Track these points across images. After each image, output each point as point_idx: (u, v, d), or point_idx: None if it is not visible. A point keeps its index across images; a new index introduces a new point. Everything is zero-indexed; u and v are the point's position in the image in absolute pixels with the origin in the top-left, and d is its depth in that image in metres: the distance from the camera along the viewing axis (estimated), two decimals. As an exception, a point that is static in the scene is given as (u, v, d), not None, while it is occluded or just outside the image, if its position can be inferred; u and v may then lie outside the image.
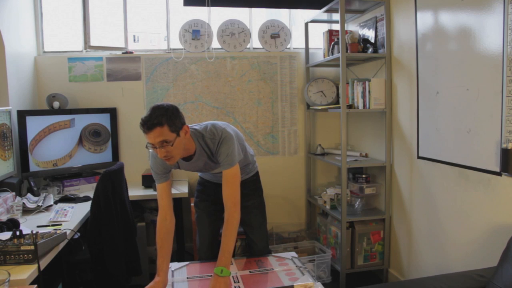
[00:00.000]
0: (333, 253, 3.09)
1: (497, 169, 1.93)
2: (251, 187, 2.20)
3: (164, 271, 1.75)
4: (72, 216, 2.28)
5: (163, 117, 1.62)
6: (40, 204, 2.42)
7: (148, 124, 1.61)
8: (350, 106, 2.94)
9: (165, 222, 1.86)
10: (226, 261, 1.71)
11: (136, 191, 3.00)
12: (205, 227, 2.19)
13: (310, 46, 3.56)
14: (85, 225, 2.26)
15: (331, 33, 3.33)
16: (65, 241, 1.83)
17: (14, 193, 2.40)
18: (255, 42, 3.62)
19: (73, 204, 2.52)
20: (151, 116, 1.62)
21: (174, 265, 1.95)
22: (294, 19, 3.70)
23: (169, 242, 1.84)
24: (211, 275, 1.81)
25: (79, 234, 2.12)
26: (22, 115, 2.82)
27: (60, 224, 2.12)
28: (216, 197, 2.20)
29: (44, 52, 3.36)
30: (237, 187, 1.82)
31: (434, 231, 2.47)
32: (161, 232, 1.84)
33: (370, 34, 3.08)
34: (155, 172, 1.86)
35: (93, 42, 3.18)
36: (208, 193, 2.21)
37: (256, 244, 2.18)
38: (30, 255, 1.54)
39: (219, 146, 1.80)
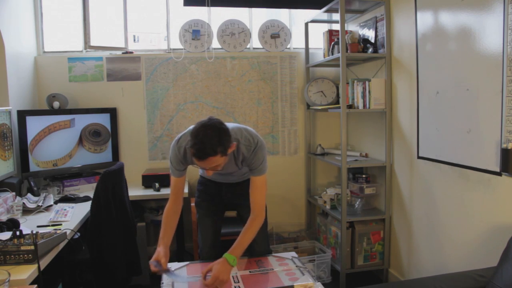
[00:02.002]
0: (333, 253, 3.09)
1: (497, 169, 1.93)
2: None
3: (165, 243, 1.86)
4: (72, 216, 2.28)
5: (217, 147, 1.59)
6: (40, 204, 2.42)
7: (201, 154, 1.58)
8: (350, 106, 2.94)
9: (174, 205, 1.97)
10: (239, 253, 1.78)
11: (136, 191, 3.00)
12: (207, 228, 2.18)
13: (310, 46, 3.56)
14: (85, 225, 2.26)
15: (331, 33, 3.33)
16: (65, 241, 1.83)
17: (14, 193, 2.40)
18: (255, 42, 3.62)
19: (73, 204, 2.52)
20: (204, 144, 1.58)
21: (174, 265, 1.95)
22: (294, 19, 3.70)
23: (175, 221, 1.96)
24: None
25: (79, 234, 2.12)
26: (22, 115, 2.82)
27: (60, 224, 2.12)
28: (218, 197, 2.20)
29: (44, 52, 3.36)
30: (265, 194, 1.90)
31: (434, 231, 2.47)
32: (169, 211, 1.95)
33: (370, 34, 3.08)
34: (174, 168, 1.91)
35: (93, 42, 3.18)
36: (210, 192, 2.21)
37: (257, 244, 2.17)
38: (30, 255, 1.54)
39: (254, 153, 1.83)
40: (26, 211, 2.35)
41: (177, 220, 1.99)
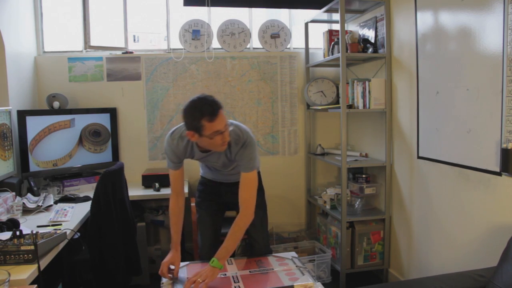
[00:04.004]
0: (333, 253, 3.09)
1: (497, 169, 1.93)
2: None
3: (177, 247, 1.96)
4: (72, 216, 2.28)
5: (219, 102, 1.71)
6: (40, 204, 2.42)
7: (216, 107, 1.67)
8: (350, 106, 2.94)
9: (177, 201, 2.01)
10: (221, 255, 1.79)
11: (136, 191, 3.00)
12: (207, 228, 2.19)
13: (310, 46, 3.56)
14: (85, 225, 2.26)
15: (331, 33, 3.33)
16: (65, 241, 1.83)
17: (14, 193, 2.40)
18: (255, 42, 3.62)
19: (73, 204, 2.52)
20: (209, 101, 1.68)
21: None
22: (294, 19, 3.70)
23: (180, 218, 2.04)
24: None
25: (79, 234, 2.12)
26: (22, 115, 2.82)
27: (60, 224, 2.12)
28: (219, 197, 2.21)
29: (44, 52, 3.36)
30: (254, 191, 1.89)
31: (434, 231, 2.47)
32: (174, 209, 2.01)
33: (370, 34, 3.08)
34: (170, 160, 1.94)
35: (93, 42, 3.18)
36: (211, 192, 2.21)
37: (257, 243, 2.18)
38: (30, 255, 1.54)
39: (242, 148, 1.85)
40: (26, 211, 2.35)
41: (182, 216, 2.04)
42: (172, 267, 1.87)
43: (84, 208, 2.45)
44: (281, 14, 3.69)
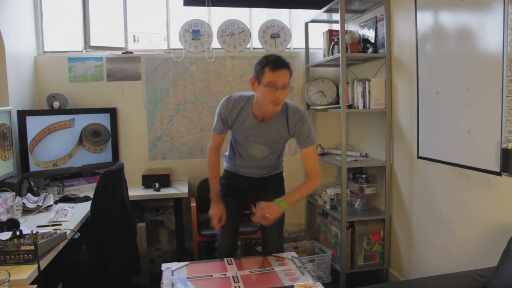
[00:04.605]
0: (333, 253, 3.09)
1: (497, 169, 1.93)
2: (278, 184, 2.25)
3: (220, 198, 2.09)
4: (72, 216, 2.28)
5: (289, 64, 1.83)
6: (40, 204, 2.42)
7: (280, 63, 1.78)
8: (350, 106, 2.94)
9: (215, 156, 2.15)
10: (289, 199, 1.93)
11: (136, 191, 3.00)
12: (227, 224, 2.15)
13: (310, 46, 3.56)
14: (85, 225, 2.26)
15: (331, 33, 3.33)
16: (65, 241, 1.83)
17: (14, 193, 2.40)
18: (255, 42, 3.62)
19: (73, 204, 2.52)
20: (281, 58, 1.80)
21: (174, 265, 1.95)
22: (294, 19, 3.70)
23: (218, 171, 2.16)
24: (211, 275, 1.82)
25: (79, 234, 2.12)
26: (22, 115, 2.82)
27: (60, 224, 2.12)
28: (242, 193, 2.21)
29: (44, 52, 3.36)
30: (318, 161, 2.03)
31: (434, 231, 2.47)
32: (214, 162, 2.14)
33: (370, 34, 3.08)
34: (218, 123, 2.03)
35: (93, 42, 3.18)
36: (234, 186, 2.20)
37: (271, 240, 2.17)
38: (30, 255, 1.54)
39: (301, 121, 1.94)
40: (26, 211, 2.35)
41: (219, 170, 2.17)
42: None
43: (84, 208, 2.45)
44: (281, 14, 3.69)
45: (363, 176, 3.13)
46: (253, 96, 1.95)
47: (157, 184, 3.04)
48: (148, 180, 3.10)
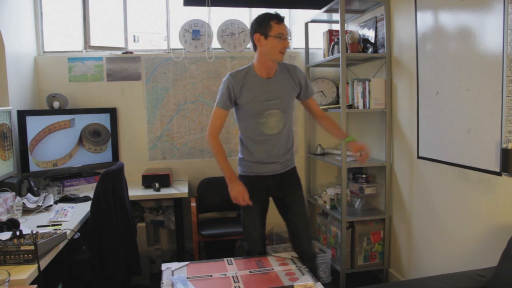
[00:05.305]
0: (333, 253, 3.09)
1: (497, 169, 1.93)
2: (296, 178, 2.25)
3: (236, 178, 2.10)
4: (72, 216, 2.28)
5: None
6: (40, 204, 2.42)
7: (281, 16, 2.05)
8: (350, 106, 2.94)
9: (217, 139, 2.14)
10: (342, 131, 2.30)
11: (136, 191, 3.00)
12: (256, 223, 2.17)
13: (310, 46, 3.56)
14: (85, 225, 2.26)
15: (331, 33, 3.33)
16: (65, 241, 1.83)
17: (14, 193, 2.40)
18: (255, 42, 3.61)
19: (73, 204, 2.52)
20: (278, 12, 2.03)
21: (174, 265, 1.95)
22: (294, 19, 3.70)
23: (225, 152, 2.16)
24: (211, 275, 1.82)
25: (79, 234, 2.12)
26: (22, 115, 2.82)
27: (60, 224, 2.12)
28: (266, 194, 2.19)
29: (44, 52, 3.36)
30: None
31: (434, 231, 2.47)
32: (220, 146, 2.14)
33: (370, 34, 3.08)
34: (222, 98, 2.09)
35: (93, 42, 3.18)
36: (258, 190, 2.14)
37: (301, 236, 2.18)
38: (30, 255, 1.54)
39: (299, 73, 2.16)
40: (26, 211, 2.35)
41: (225, 152, 2.15)
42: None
43: (84, 208, 2.45)
44: (281, 14, 3.68)
45: (363, 176, 3.13)
46: (250, 64, 2.12)
47: (157, 184, 3.04)
48: (148, 180, 3.10)
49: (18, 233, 1.58)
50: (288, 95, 2.12)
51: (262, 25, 2.01)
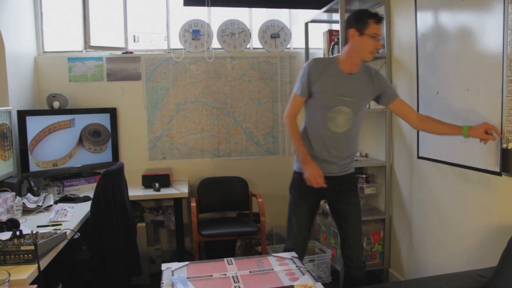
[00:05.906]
0: (333, 253, 3.09)
1: (497, 169, 1.93)
2: (353, 184, 2.23)
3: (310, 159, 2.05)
4: (72, 216, 2.28)
5: None
6: (40, 204, 2.42)
7: (381, 16, 2.01)
8: (350, 106, 2.93)
9: (294, 121, 2.12)
10: (456, 126, 2.03)
11: (136, 191, 3.00)
12: (304, 221, 2.16)
13: (310, 46, 3.56)
14: (85, 225, 2.26)
15: (331, 33, 3.32)
16: (65, 241, 1.83)
17: (14, 193, 2.40)
18: (255, 42, 3.62)
19: (73, 204, 2.52)
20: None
21: (174, 265, 1.95)
22: (294, 19, 3.70)
23: (300, 133, 2.14)
24: (211, 275, 1.81)
25: (79, 234, 2.12)
26: (22, 115, 2.83)
27: (60, 224, 2.12)
28: (320, 195, 2.16)
29: (44, 52, 3.36)
30: None
31: (434, 231, 2.47)
32: (297, 127, 2.12)
33: (370, 34, 3.08)
34: (301, 84, 2.07)
35: (93, 42, 3.18)
36: (308, 192, 2.11)
37: (354, 255, 2.16)
38: (30, 255, 1.54)
39: (378, 75, 2.12)
40: (26, 211, 2.35)
41: (300, 133, 2.14)
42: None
43: (84, 208, 2.45)
44: (281, 14, 3.69)
45: (363, 176, 3.13)
46: (335, 56, 2.11)
47: (157, 184, 3.04)
48: (148, 180, 3.10)
49: (18, 233, 1.58)
50: (364, 96, 2.09)
51: (359, 21, 1.98)
